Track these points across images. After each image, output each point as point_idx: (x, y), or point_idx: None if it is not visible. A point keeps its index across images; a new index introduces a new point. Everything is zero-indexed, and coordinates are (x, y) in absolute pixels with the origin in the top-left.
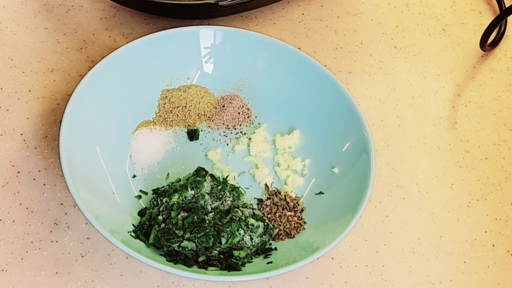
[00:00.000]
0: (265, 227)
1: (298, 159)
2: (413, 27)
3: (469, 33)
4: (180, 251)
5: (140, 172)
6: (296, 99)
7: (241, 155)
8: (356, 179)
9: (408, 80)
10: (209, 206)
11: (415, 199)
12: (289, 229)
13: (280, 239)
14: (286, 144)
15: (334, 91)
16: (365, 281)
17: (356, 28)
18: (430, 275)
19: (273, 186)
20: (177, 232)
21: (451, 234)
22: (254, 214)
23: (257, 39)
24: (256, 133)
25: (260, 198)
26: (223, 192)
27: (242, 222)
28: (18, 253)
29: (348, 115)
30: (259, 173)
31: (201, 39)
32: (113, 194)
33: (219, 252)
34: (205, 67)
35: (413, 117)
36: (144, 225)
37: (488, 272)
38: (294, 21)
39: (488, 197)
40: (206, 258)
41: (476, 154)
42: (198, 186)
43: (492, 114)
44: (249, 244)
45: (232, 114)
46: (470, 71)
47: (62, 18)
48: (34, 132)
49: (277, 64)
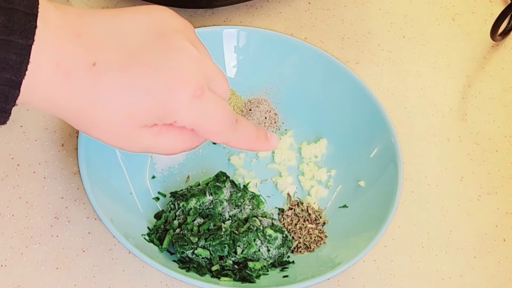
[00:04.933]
0: (284, 238)
1: (324, 170)
2: (422, 17)
3: (479, 22)
4: (194, 259)
5: (160, 173)
6: (324, 106)
7: (265, 161)
8: (382, 192)
9: (417, 70)
10: (227, 214)
11: (424, 193)
12: (309, 242)
13: (299, 252)
14: (312, 153)
15: (363, 98)
16: (373, 276)
17: (364, 18)
18: (439, 270)
19: (295, 196)
20: (191, 238)
21: (461, 228)
22: (273, 225)
23: (285, 41)
24: (282, 139)
25: (282, 208)
26: (243, 200)
27: (259, 232)
28: (18, 248)
29: (376, 123)
30: (282, 182)
31: (224, 39)
32: (130, 194)
33: (234, 262)
34: (229, 70)
35: (422, 109)
36: (159, 229)
37: (499, 267)
38: (300, 10)
39: (499, 190)
40: (220, 268)
41: (487, 146)
42: (217, 192)
43: (503, 106)
44: (266, 255)
45: (259, 118)
46: (480, 61)
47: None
48: (34, 124)
49: (306, 69)
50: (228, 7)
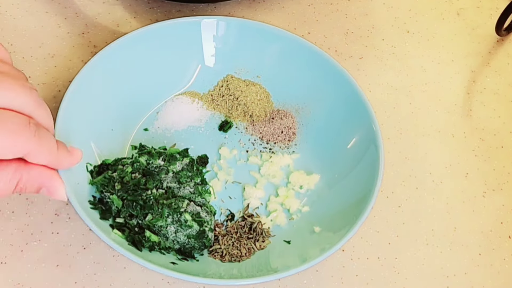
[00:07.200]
0: (199, 232)
1: (298, 202)
2: (426, 11)
3: (484, 17)
4: (108, 203)
5: (154, 129)
6: (337, 147)
7: (251, 168)
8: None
9: (421, 65)
10: (166, 183)
11: (428, 189)
12: (227, 252)
13: (213, 256)
14: (300, 182)
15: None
16: (377, 273)
17: (368, 12)
18: (444, 267)
19: (255, 211)
20: (116, 184)
21: (466, 225)
22: (197, 215)
23: (334, 68)
24: (282, 157)
25: (233, 213)
26: (188, 180)
27: (177, 212)
28: (18, 245)
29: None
30: (250, 191)
31: (283, 44)
32: (112, 131)
33: (139, 225)
34: (276, 72)
35: (427, 104)
36: (104, 166)
37: (504, 265)
38: (303, 5)
39: (504, 186)
40: (123, 222)
41: (492, 142)
42: (169, 161)
43: (509, 101)
44: (172, 237)
45: (276, 129)
46: (486, 56)
47: (63, 2)
48: None
49: (339, 104)
50: (231, 2)
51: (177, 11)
